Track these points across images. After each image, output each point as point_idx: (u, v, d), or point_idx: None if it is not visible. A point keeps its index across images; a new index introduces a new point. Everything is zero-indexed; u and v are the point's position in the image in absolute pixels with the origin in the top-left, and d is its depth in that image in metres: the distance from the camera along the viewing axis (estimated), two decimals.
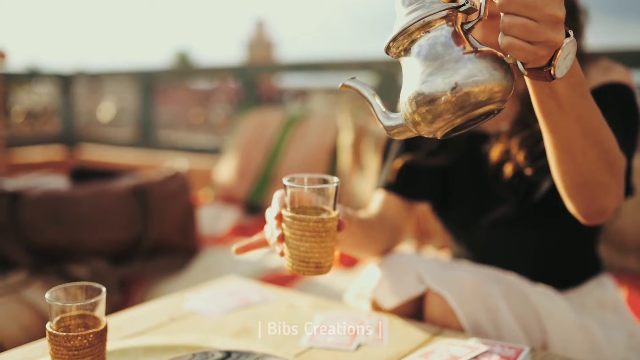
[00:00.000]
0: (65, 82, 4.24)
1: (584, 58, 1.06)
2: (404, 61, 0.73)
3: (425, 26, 0.70)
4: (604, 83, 1.01)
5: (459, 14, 0.70)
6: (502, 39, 0.67)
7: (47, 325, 0.77)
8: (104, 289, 0.80)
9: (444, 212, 1.23)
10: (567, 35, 0.68)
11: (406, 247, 1.99)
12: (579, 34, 1.10)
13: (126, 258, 1.87)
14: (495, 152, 1.11)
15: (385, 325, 0.96)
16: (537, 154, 1.05)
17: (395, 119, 0.74)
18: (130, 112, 4.25)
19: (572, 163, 0.83)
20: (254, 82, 3.27)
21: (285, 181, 0.84)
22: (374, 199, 1.23)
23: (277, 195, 0.89)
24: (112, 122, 4.74)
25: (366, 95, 0.77)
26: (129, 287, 1.89)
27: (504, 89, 0.68)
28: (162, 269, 1.90)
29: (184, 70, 4.87)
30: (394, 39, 0.72)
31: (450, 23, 0.70)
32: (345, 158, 2.31)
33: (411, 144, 1.20)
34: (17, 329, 1.54)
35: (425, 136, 0.74)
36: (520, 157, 1.07)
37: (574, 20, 1.08)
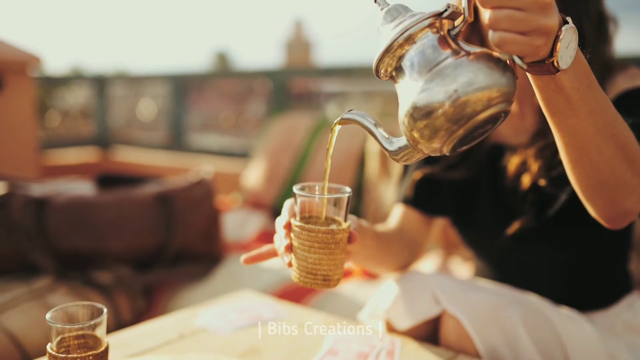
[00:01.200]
0: (101, 84, 4.30)
1: (612, 66, 1.01)
2: (396, 81, 0.69)
3: (409, 39, 0.66)
4: (631, 88, 0.96)
5: (444, 21, 0.67)
6: (492, 36, 0.62)
7: (48, 347, 0.76)
8: (105, 310, 0.79)
9: (464, 227, 1.19)
10: (566, 22, 0.64)
11: (433, 258, 1.95)
12: (607, 43, 1.05)
13: (150, 265, 1.86)
14: (512, 164, 1.06)
15: (397, 348, 0.93)
16: (553, 165, 1.00)
17: (399, 142, 0.71)
18: (163, 115, 4.29)
19: (588, 162, 0.77)
20: (285, 86, 3.26)
21: (295, 189, 0.81)
22: (392, 213, 1.20)
23: (287, 204, 0.86)
24: (146, 125, 4.79)
25: (367, 125, 0.74)
26: (152, 293, 1.89)
27: (504, 89, 0.63)
28: (185, 276, 1.89)
29: (216, 73, 4.90)
30: (381, 59, 0.69)
31: (435, 30, 0.66)
32: (373, 165, 2.28)
33: (431, 158, 1.16)
34: (41, 334, 1.55)
35: (433, 154, 0.70)
36: (535, 167, 1.02)
37: (601, 29, 1.03)
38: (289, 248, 0.82)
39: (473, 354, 0.91)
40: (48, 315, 0.76)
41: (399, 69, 0.68)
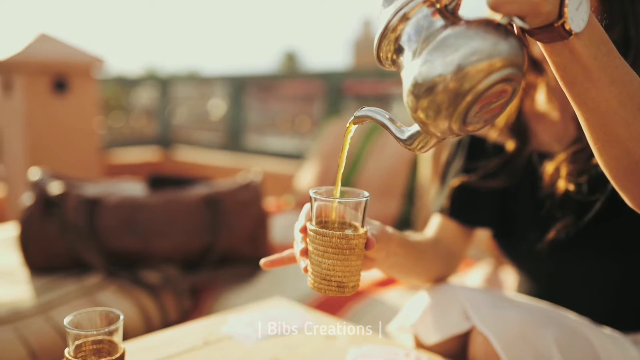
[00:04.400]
0: (164, 85, 4.40)
1: None
2: (398, 65, 0.66)
3: (403, 18, 0.63)
4: None
5: None
6: None
7: (65, 351, 0.77)
8: (122, 316, 0.79)
9: (504, 238, 1.14)
10: None
11: (483, 267, 1.90)
12: None
13: (196, 266, 1.89)
14: (548, 171, 1.01)
15: None
16: (587, 169, 0.95)
17: (410, 130, 0.68)
18: (224, 116, 4.36)
19: (615, 140, 0.68)
20: (341, 88, 3.24)
21: (311, 193, 0.79)
22: (430, 223, 1.17)
23: (305, 208, 0.84)
24: (208, 125, 4.88)
25: (380, 119, 0.71)
26: (199, 294, 1.92)
27: (506, 55, 0.58)
28: (231, 278, 1.91)
29: (274, 75, 4.95)
30: (379, 46, 0.66)
31: (430, 4, 0.63)
32: (425, 170, 2.24)
33: (469, 167, 1.13)
34: None
35: (446, 135, 0.65)
36: (569, 172, 0.97)
37: None
38: (305, 252, 0.80)
39: None
40: (66, 321, 0.77)
41: (398, 51, 0.65)
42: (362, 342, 0.98)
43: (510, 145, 1.10)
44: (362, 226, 0.79)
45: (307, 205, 0.83)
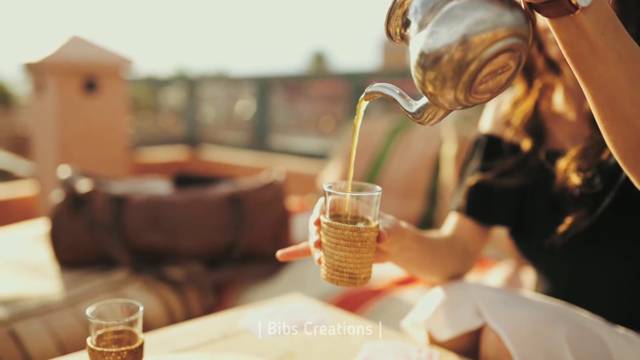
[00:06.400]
0: (192, 85, 4.46)
1: None
2: (407, 39, 0.67)
3: None
4: None
5: None
6: None
7: (88, 340, 0.81)
8: (141, 307, 0.82)
9: (521, 237, 1.15)
10: None
11: (504, 268, 1.90)
12: None
13: (219, 263, 1.92)
14: (561, 167, 1.02)
15: None
16: (598, 163, 0.96)
17: (419, 103, 0.69)
18: (251, 115, 4.41)
19: (622, 118, 0.66)
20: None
21: (325, 187, 0.81)
22: (447, 221, 1.18)
23: (319, 201, 0.86)
24: (234, 125, 4.94)
25: (390, 94, 0.73)
26: (222, 290, 1.95)
27: (509, 25, 0.59)
28: (253, 275, 1.94)
29: (299, 75, 4.98)
30: (388, 22, 0.68)
31: None
32: (448, 169, 2.24)
33: (485, 166, 1.14)
34: None
35: (454, 107, 0.66)
36: (579, 166, 0.97)
37: None
38: (318, 244, 0.83)
39: None
40: (88, 311, 0.81)
41: (406, 25, 0.67)
42: (375, 340, 1.00)
43: (526, 144, 1.11)
44: (375, 220, 0.81)
45: (321, 199, 0.85)
